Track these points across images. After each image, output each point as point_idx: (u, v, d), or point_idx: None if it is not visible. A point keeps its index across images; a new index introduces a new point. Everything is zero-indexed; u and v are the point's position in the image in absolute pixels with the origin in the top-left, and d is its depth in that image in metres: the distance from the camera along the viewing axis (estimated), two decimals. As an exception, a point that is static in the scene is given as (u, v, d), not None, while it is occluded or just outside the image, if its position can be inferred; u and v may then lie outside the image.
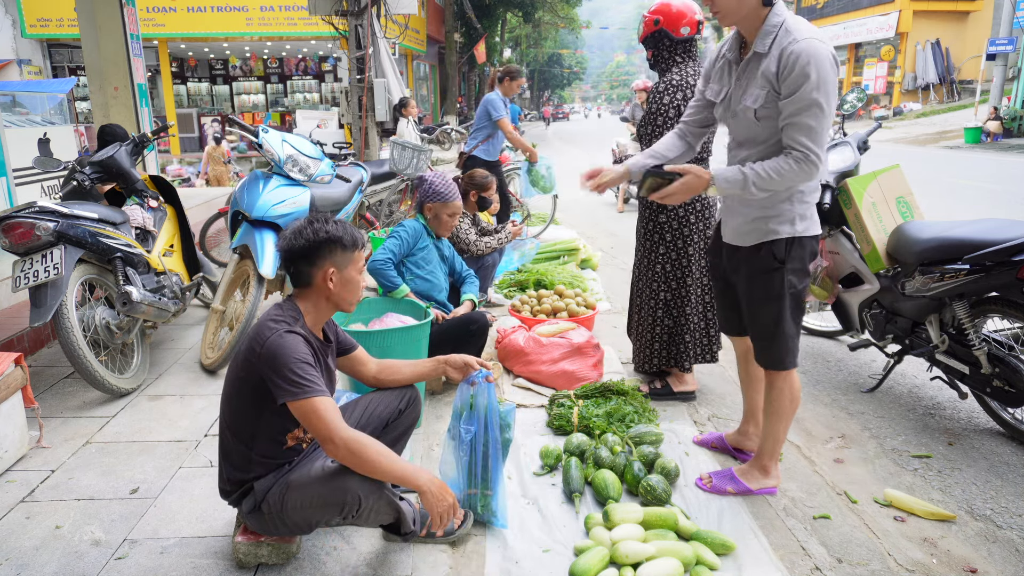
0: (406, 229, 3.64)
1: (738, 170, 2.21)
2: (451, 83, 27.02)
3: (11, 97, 6.51)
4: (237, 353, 2.06)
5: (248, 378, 1.98)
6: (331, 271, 2.06)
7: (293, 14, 17.71)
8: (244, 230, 4.01)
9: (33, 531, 2.38)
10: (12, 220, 3.20)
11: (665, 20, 3.16)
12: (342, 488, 1.96)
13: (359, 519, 2.05)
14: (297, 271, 2.08)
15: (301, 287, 2.10)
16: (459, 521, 2.31)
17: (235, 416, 2.05)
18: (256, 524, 2.08)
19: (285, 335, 1.95)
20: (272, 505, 2.00)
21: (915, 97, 28.05)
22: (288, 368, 1.90)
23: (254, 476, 2.05)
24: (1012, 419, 3.11)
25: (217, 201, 7.56)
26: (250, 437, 2.03)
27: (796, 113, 2.11)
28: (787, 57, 2.10)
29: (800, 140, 2.12)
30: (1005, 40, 20.12)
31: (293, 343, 1.95)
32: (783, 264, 2.35)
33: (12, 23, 17.52)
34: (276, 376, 1.90)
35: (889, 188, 3.57)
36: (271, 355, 1.92)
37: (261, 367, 1.93)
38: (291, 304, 2.09)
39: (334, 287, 2.08)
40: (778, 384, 2.49)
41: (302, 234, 2.05)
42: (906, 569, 2.24)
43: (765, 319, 2.43)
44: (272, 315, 2.03)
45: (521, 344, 3.69)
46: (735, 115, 2.35)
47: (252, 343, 1.98)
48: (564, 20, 40.65)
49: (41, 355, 4.06)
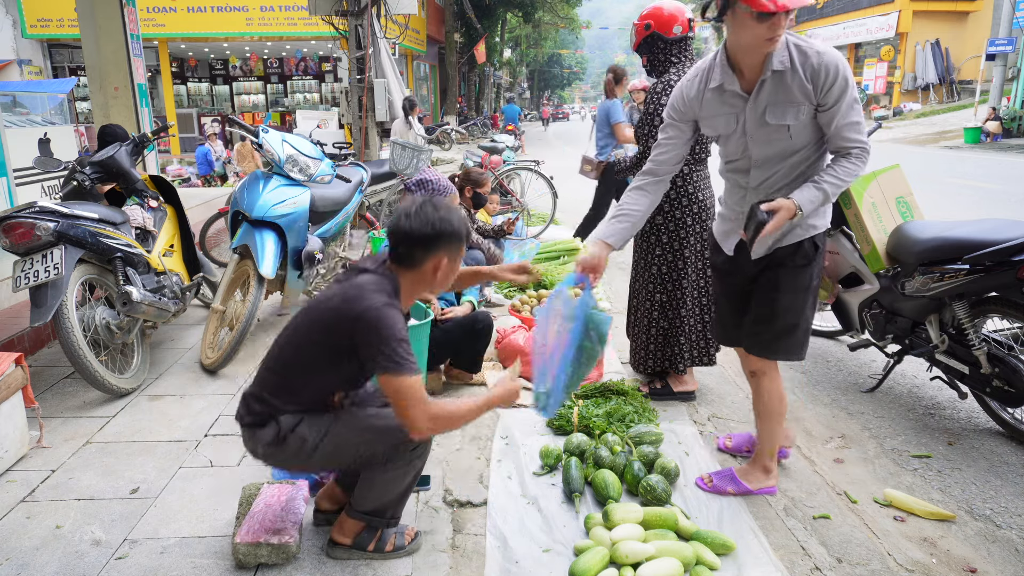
0: None
1: (815, 188, 2.23)
2: (451, 83, 27.03)
3: (11, 97, 6.50)
4: (317, 302, 2.05)
5: (331, 335, 1.96)
6: (443, 261, 2.05)
7: (293, 14, 17.71)
8: (244, 230, 4.02)
9: (33, 531, 2.38)
10: (12, 220, 3.21)
11: (656, 23, 3.18)
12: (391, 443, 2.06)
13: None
14: (408, 253, 2.02)
15: (405, 267, 2.05)
16: (410, 537, 2.28)
17: (297, 361, 2.03)
18: (271, 455, 2.07)
19: (388, 308, 1.93)
20: (304, 441, 2.01)
21: (915, 97, 28.06)
22: (392, 343, 1.89)
23: (282, 412, 2.04)
24: (1012, 419, 3.11)
25: (217, 201, 7.56)
26: (302, 385, 2.03)
27: (845, 115, 2.19)
28: (824, 68, 2.16)
29: (855, 138, 2.22)
30: (1005, 40, 20.11)
31: (395, 318, 1.93)
32: (815, 257, 2.43)
33: (12, 23, 17.52)
34: (379, 348, 1.89)
35: (889, 188, 3.58)
36: (374, 326, 1.89)
37: (358, 333, 1.91)
38: (392, 276, 2.04)
39: (439, 276, 2.07)
40: (765, 385, 2.54)
41: (427, 220, 1.99)
42: (906, 569, 2.24)
43: (792, 311, 2.45)
44: (372, 281, 1.99)
45: (521, 344, 3.70)
46: (756, 138, 2.32)
47: (346, 303, 1.95)
48: (564, 20, 40.62)
49: (41, 355, 4.06)
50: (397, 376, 1.89)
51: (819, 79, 2.16)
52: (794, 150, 2.31)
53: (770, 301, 2.46)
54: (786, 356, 2.52)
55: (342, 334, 1.94)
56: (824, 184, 2.23)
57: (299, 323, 2.07)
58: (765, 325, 2.48)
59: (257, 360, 3.97)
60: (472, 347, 3.49)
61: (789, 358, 2.53)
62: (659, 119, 3.15)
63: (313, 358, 2.02)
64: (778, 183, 2.37)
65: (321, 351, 2.00)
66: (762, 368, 2.54)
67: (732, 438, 2.99)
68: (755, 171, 2.40)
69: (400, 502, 2.22)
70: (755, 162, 2.38)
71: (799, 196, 2.21)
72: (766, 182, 2.39)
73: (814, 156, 2.33)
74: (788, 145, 2.30)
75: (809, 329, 2.52)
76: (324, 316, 2.02)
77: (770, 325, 2.48)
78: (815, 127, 2.27)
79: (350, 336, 1.92)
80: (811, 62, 2.17)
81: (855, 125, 2.21)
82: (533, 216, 7.72)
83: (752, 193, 2.43)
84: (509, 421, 3.19)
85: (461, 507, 2.53)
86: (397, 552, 2.23)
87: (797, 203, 2.20)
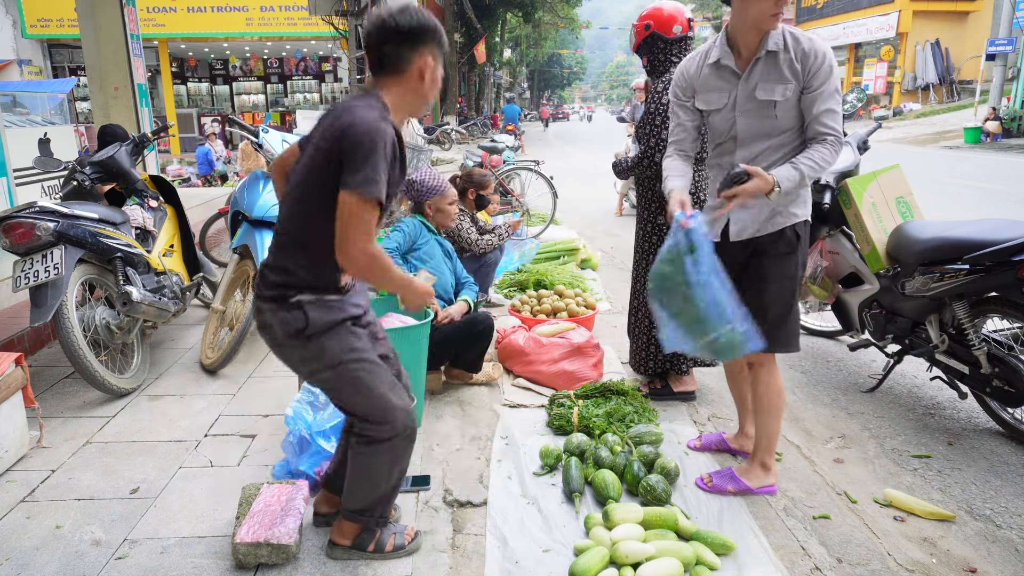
0: (405, 224, 3.63)
1: (792, 167, 2.31)
2: (451, 83, 27.03)
3: (11, 97, 6.51)
4: (312, 136, 1.95)
5: (325, 160, 1.86)
6: (429, 60, 1.94)
7: (293, 14, 17.73)
8: (244, 230, 4.02)
9: (33, 531, 2.38)
10: (12, 220, 3.21)
11: (656, 23, 3.20)
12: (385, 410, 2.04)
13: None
14: (393, 53, 1.91)
15: (389, 74, 1.94)
16: (410, 537, 2.27)
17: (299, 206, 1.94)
18: (288, 346, 1.99)
19: (379, 123, 1.83)
20: (323, 352, 1.96)
21: (915, 97, 28.07)
22: (373, 159, 1.79)
23: (296, 282, 1.96)
24: (1012, 419, 3.11)
25: (217, 201, 7.56)
26: (306, 235, 1.93)
27: (825, 101, 2.31)
28: (814, 52, 2.31)
29: (832, 126, 2.32)
30: (1005, 40, 20.14)
31: (385, 133, 1.83)
32: (798, 245, 2.49)
33: (12, 23, 17.54)
34: (361, 162, 1.79)
35: (889, 188, 3.58)
36: (361, 139, 1.80)
37: (344, 145, 1.81)
38: (378, 96, 1.93)
39: (426, 82, 1.96)
40: (763, 378, 2.56)
41: (410, 15, 1.90)
42: (906, 569, 2.24)
43: (781, 300, 2.50)
44: (362, 102, 1.89)
45: (521, 344, 3.70)
46: (745, 113, 2.42)
47: (336, 120, 1.86)
48: (564, 20, 40.62)
49: (41, 355, 4.06)
50: (361, 197, 1.79)
51: (808, 61, 2.31)
52: (778, 130, 2.41)
53: (758, 292, 2.50)
54: (783, 348, 2.54)
55: (331, 155, 1.84)
56: (800, 165, 2.31)
57: (298, 167, 1.98)
58: (758, 318, 2.50)
59: (257, 360, 3.98)
60: (472, 350, 3.49)
61: (786, 349, 2.55)
62: (659, 118, 3.17)
63: (311, 197, 1.91)
64: (760, 164, 2.40)
65: (316, 184, 1.90)
66: (759, 359, 2.55)
67: (702, 438, 3.01)
68: (740, 151, 2.48)
69: (386, 501, 2.19)
70: (740, 141, 2.47)
71: (777, 173, 2.30)
72: (750, 163, 2.43)
73: (795, 141, 2.42)
74: (773, 124, 2.40)
75: (798, 319, 2.57)
76: (318, 145, 1.90)
77: (762, 317, 2.50)
78: (799, 111, 2.38)
79: (339, 154, 1.83)
80: (802, 46, 2.32)
81: (833, 114, 2.32)
82: (533, 216, 7.72)
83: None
84: (509, 421, 3.19)
85: (461, 507, 2.53)
86: (397, 552, 2.22)
87: (776, 179, 2.27)
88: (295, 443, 2.61)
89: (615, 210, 9.80)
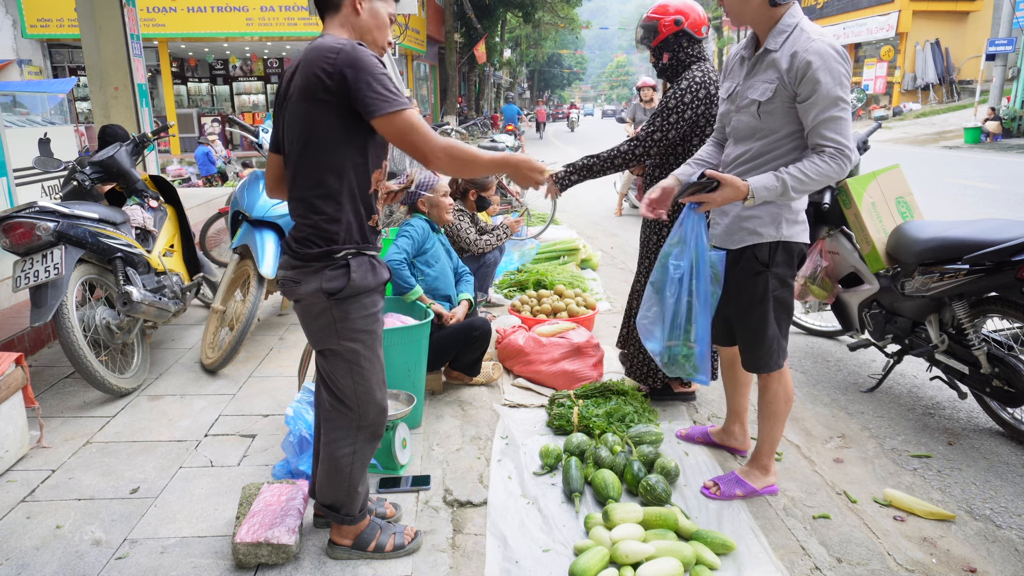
0: (414, 227, 3.60)
1: (774, 176, 2.18)
2: (451, 83, 27.02)
3: (11, 97, 6.51)
4: (289, 94, 1.92)
5: (318, 96, 1.83)
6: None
7: (293, 14, 17.72)
8: (244, 230, 4.02)
9: (33, 531, 2.38)
10: (12, 220, 3.21)
11: (689, 21, 3.00)
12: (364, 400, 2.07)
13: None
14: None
15: (329, 14, 1.96)
16: (410, 537, 2.27)
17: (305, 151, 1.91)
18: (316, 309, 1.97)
19: (357, 46, 1.83)
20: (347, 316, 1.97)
21: (915, 97, 28.06)
22: (375, 74, 1.79)
23: (346, 239, 1.95)
24: (1012, 419, 3.11)
25: (217, 201, 7.56)
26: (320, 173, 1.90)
27: (822, 111, 2.15)
28: (799, 59, 2.15)
29: (830, 136, 2.16)
30: (1004, 40, 20.13)
31: (367, 52, 1.83)
32: (767, 268, 2.38)
33: (12, 23, 17.53)
34: (365, 82, 1.78)
35: (889, 188, 3.58)
36: (350, 62, 1.79)
37: (336, 77, 1.79)
38: (334, 37, 1.90)
39: (363, 15, 1.95)
40: (772, 387, 2.52)
41: None
42: (906, 569, 2.24)
43: (749, 322, 2.45)
44: (320, 41, 1.88)
45: (521, 344, 3.70)
46: (738, 110, 2.39)
47: (313, 61, 1.83)
48: (564, 20, 40.58)
49: (41, 355, 4.06)
50: (392, 112, 1.80)
51: (792, 71, 2.17)
52: (760, 132, 2.31)
53: (732, 308, 2.49)
54: (752, 369, 2.51)
55: (324, 88, 1.82)
56: (785, 175, 2.16)
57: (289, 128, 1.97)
58: (739, 335, 2.52)
59: (257, 360, 3.98)
60: (469, 355, 3.48)
61: (755, 371, 2.51)
62: (674, 115, 2.98)
63: (315, 138, 1.89)
64: (746, 164, 2.38)
65: (317, 124, 1.88)
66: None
67: (688, 429, 3.04)
68: (730, 146, 2.45)
69: (351, 499, 2.16)
70: (734, 137, 2.44)
71: (755, 180, 2.18)
72: (737, 160, 2.42)
73: (783, 148, 2.29)
74: (756, 124, 2.32)
75: (779, 339, 2.45)
76: (304, 87, 1.87)
77: (740, 335, 2.51)
78: (786, 118, 2.25)
79: (335, 86, 1.81)
80: (795, 52, 2.17)
81: (833, 124, 2.15)
82: (533, 216, 7.72)
83: (724, 171, 2.47)
84: (509, 421, 3.20)
85: (461, 507, 2.53)
86: (397, 552, 2.23)
87: (752, 187, 2.16)
88: (295, 443, 2.61)
89: (615, 210, 9.81)
